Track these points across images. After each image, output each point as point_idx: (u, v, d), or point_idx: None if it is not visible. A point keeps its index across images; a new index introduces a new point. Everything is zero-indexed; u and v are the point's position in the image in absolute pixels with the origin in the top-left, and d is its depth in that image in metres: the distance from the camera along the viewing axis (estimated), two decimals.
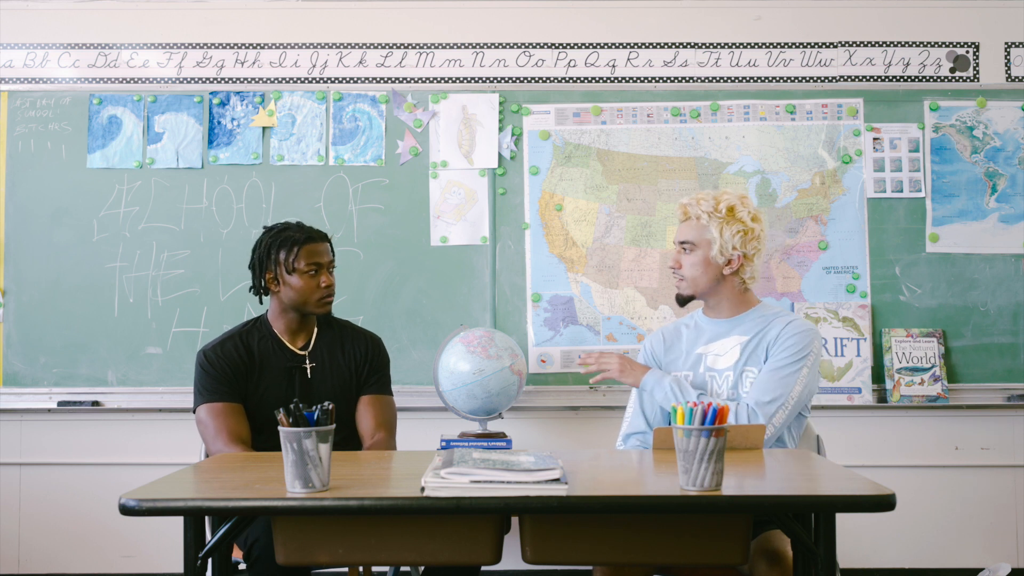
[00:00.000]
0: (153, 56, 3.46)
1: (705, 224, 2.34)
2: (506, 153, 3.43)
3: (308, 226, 2.52)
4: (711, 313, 2.42)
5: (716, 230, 2.32)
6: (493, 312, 3.40)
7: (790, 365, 2.26)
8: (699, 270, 2.35)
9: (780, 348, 2.28)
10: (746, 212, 2.34)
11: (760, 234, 2.36)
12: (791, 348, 2.27)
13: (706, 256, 2.34)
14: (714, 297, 2.39)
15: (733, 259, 2.34)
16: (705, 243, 2.34)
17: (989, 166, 3.42)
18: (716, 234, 2.32)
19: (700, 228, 2.35)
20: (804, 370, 2.26)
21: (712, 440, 1.61)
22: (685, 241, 2.37)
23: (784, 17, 3.48)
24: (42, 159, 3.43)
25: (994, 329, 3.38)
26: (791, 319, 2.34)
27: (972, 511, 3.41)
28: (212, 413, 2.37)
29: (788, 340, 2.28)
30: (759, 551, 2.05)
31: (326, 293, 2.47)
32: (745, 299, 2.40)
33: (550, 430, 3.41)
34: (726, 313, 2.39)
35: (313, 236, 2.48)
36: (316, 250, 2.46)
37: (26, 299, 3.40)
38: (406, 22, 3.48)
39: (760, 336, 2.33)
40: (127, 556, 3.42)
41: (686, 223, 2.38)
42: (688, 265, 2.36)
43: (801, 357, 2.27)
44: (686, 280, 2.37)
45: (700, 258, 2.35)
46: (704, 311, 2.45)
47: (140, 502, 1.59)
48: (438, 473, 1.62)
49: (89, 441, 3.42)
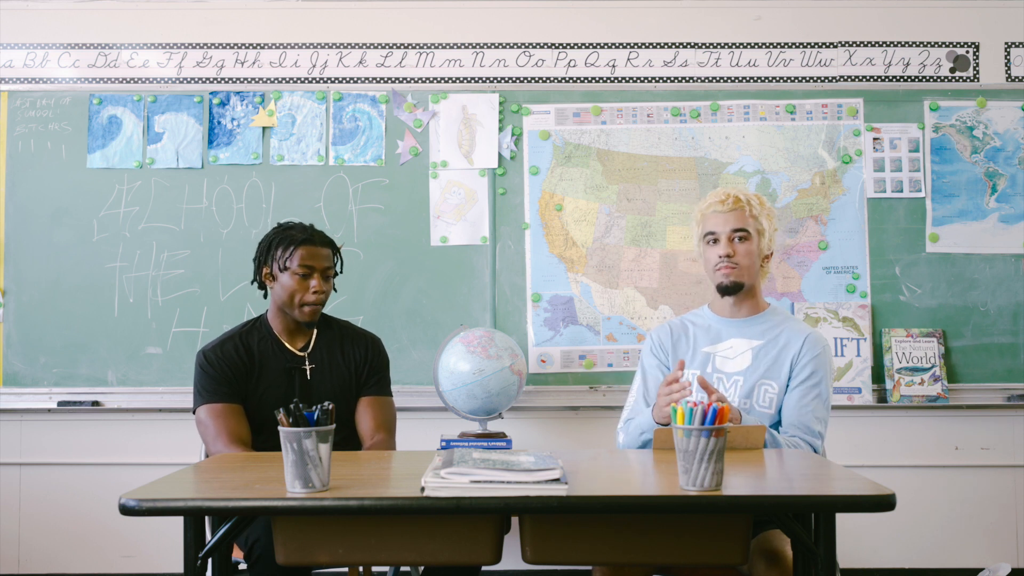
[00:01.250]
0: (153, 56, 3.46)
1: (757, 215, 2.34)
2: (506, 153, 3.43)
3: (316, 230, 2.49)
4: (724, 310, 2.39)
5: (766, 222, 2.35)
6: (493, 312, 3.40)
7: (818, 385, 2.27)
8: (752, 259, 2.34)
9: (807, 371, 2.27)
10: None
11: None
12: (819, 371, 2.28)
13: (758, 246, 2.35)
14: (750, 292, 2.37)
15: (769, 254, 2.37)
16: (757, 234, 2.34)
17: (989, 166, 3.42)
18: (765, 226, 2.35)
19: (753, 219, 2.34)
20: (831, 388, 2.30)
21: (712, 440, 1.61)
22: (740, 229, 2.33)
23: (784, 17, 3.48)
24: (42, 159, 3.43)
25: (994, 329, 3.38)
26: (807, 333, 2.32)
27: (972, 511, 3.41)
28: (212, 414, 2.37)
29: (813, 362, 2.28)
30: (759, 551, 2.05)
31: (312, 299, 2.41)
32: (759, 300, 2.40)
33: (550, 430, 3.41)
34: (744, 312, 2.37)
35: (313, 239, 2.45)
36: (312, 253, 2.43)
37: (26, 299, 3.40)
38: (406, 22, 3.48)
39: (776, 346, 2.31)
40: (127, 556, 3.42)
41: (736, 212, 2.33)
42: (743, 253, 2.32)
43: (824, 376, 2.28)
44: (740, 268, 2.33)
45: (754, 247, 2.34)
46: (713, 308, 2.42)
47: (140, 502, 1.59)
48: (438, 473, 1.62)
49: (89, 441, 3.42)
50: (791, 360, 2.29)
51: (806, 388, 2.26)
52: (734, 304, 2.37)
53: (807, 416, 2.24)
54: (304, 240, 2.44)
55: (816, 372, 2.27)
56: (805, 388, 2.26)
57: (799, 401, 2.26)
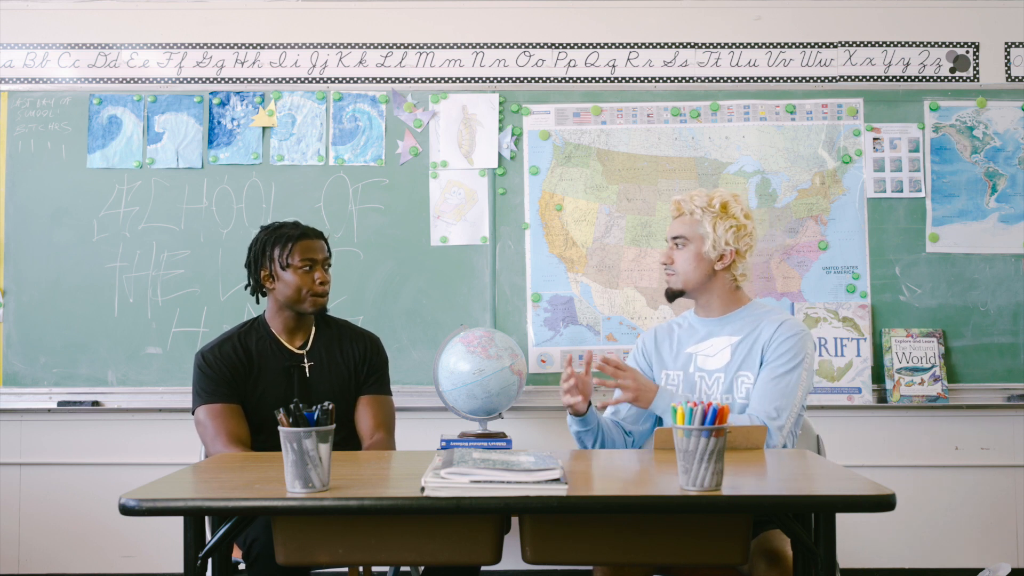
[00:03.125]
0: (153, 56, 3.46)
1: (699, 219, 2.35)
2: (506, 153, 3.43)
3: (305, 225, 2.52)
4: (702, 312, 2.42)
5: (710, 225, 2.34)
6: (493, 312, 3.40)
7: (789, 373, 2.24)
8: (691, 265, 2.36)
9: (775, 353, 2.26)
10: (739, 208, 2.37)
11: (752, 231, 2.38)
12: (787, 353, 2.25)
13: (699, 251, 2.35)
14: (705, 294, 2.39)
15: (726, 254, 2.35)
16: (698, 238, 2.35)
17: (989, 166, 3.42)
18: (709, 229, 2.34)
19: (693, 223, 2.36)
20: (803, 373, 2.26)
21: (712, 440, 1.61)
22: (678, 236, 2.38)
23: (784, 17, 3.48)
24: (42, 159, 3.43)
25: (994, 329, 3.38)
26: (782, 319, 2.32)
27: (972, 511, 3.41)
28: (211, 415, 2.37)
29: (783, 344, 2.27)
30: (759, 551, 2.05)
31: (320, 290, 2.46)
32: (736, 297, 2.40)
33: (550, 430, 3.41)
34: (717, 311, 2.39)
35: (308, 233, 2.48)
36: (311, 246, 2.46)
37: (26, 299, 3.40)
38: (406, 22, 3.48)
39: (752, 338, 2.32)
40: (127, 556, 3.42)
41: (679, 219, 2.40)
42: (680, 260, 2.37)
43: (798, 362, 2.25)
44: (678, 275, 2.38)
45: (692, 253, 2.36)
46: (695, 310, 2.45)
47: (140, 502, 1.59)
48: (438, 473, 1.62)
49: (89, 441, 3.42)
50: (763, 346, 2.29)
51: (769, 371, 2.25)
52: (703, 305, 2.41)
53: (765, 399, 2.22)
54: (300, 235, 2.47)
55: (782, 357, 2.25)
56: (768, 371, 2.26)
57: (762, 383, 2.25)
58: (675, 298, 2.44)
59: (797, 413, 2.25)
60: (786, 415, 2.22)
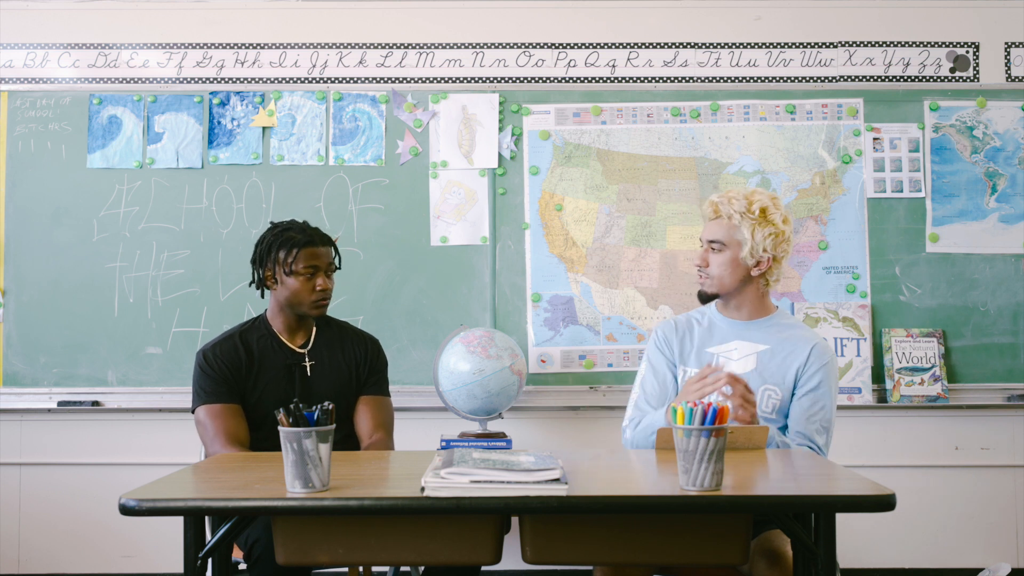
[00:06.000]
0: (153, 56, 3.46)
1: (737, 224, 2.28)
2: (506, 153, 3.43)
3: (313, 228, 2.50)
4: (728, 312, 2.37)
5: (748, 231, 2.27)
6: (493, 312, 3.40)
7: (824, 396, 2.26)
8: (727, 270, 2.30)
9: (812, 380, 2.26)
10: (778, 214, 2.29)
11: (789, 236, 2.32)
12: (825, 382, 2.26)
13: (735, 257, 2.29)
14: (736, 298, 2.34)
15: (763, 261, 2.29)
16: (735, 244, 2.28)
17: (989, 166, 3.42)
18: (748, 235, 2.27)
19: (731, 228, 2.29)
20: (835, 398, 2.29)
21: (712, 440, 1.61)
22: (715, 240, 2.31)
23: (784, 17, 3.48)
24: (42, 159, 3.43)
25: (994, 329, 3.38)
26: (814, 342, 2.30)
27: (972, 511, 3.41)
28: (211, 414, 2.37)
29: (819, 372, 2.26)
30: (759, 551, 2.05)
31: (320, 296, 2.45)
32: (764, 304, 2.36)
33: (550, 430, 3.41)
34: (745, 315, 2.35)
35: (314, 239, 2.46)
36: (315, 253, 2.45)
37: (26, 299, 3.40)
38: (406, 22, 3.48)
39: (782, 354, 2.29)
40: (127, 556, 3.42)
41: (716, 221, 2.32)
42: (716, 264, 2.30)
43: (830, 387, 2.27)
44: (712, 279, 2.32)
45: (729, 258, 2.29)
46: (719, 308, 2.39)
47: (140, 502, 1.59)
48: (438, 473, 1.62)
49: (89, 441, 3.42)
50: (797, 369, 2.27)
51: (812, 399, 2.25)
52: (732, 307, 2.36)
53: (812, 426, 2.24)
54: (306, 242, 2.45)
55: (823, 383, 2.26)
56: (812, 399, 2.25)
57: (806, 411, 2.25)
58: (708, 301, 2.38)
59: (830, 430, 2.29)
60: (828, 438, 2.27)
